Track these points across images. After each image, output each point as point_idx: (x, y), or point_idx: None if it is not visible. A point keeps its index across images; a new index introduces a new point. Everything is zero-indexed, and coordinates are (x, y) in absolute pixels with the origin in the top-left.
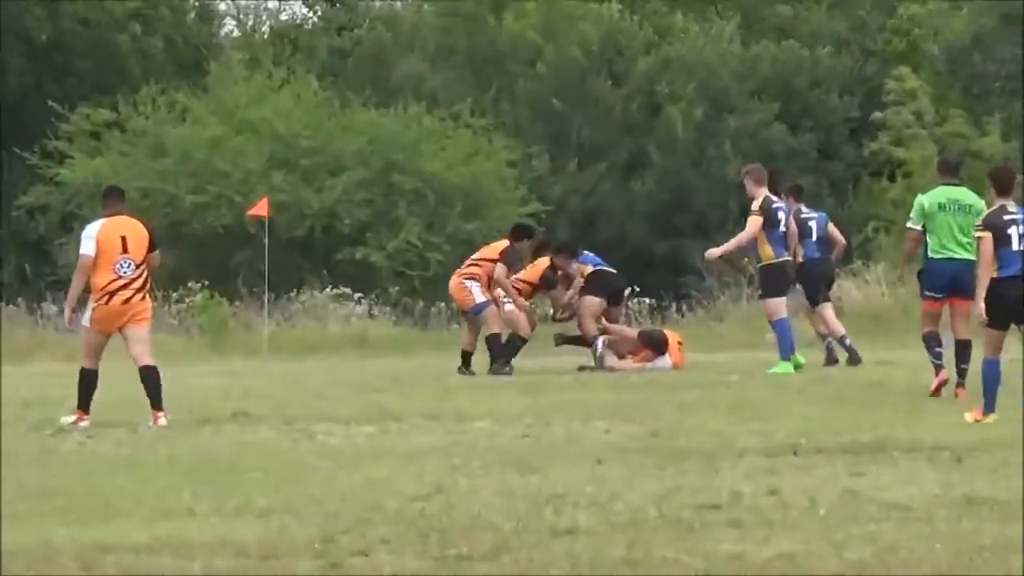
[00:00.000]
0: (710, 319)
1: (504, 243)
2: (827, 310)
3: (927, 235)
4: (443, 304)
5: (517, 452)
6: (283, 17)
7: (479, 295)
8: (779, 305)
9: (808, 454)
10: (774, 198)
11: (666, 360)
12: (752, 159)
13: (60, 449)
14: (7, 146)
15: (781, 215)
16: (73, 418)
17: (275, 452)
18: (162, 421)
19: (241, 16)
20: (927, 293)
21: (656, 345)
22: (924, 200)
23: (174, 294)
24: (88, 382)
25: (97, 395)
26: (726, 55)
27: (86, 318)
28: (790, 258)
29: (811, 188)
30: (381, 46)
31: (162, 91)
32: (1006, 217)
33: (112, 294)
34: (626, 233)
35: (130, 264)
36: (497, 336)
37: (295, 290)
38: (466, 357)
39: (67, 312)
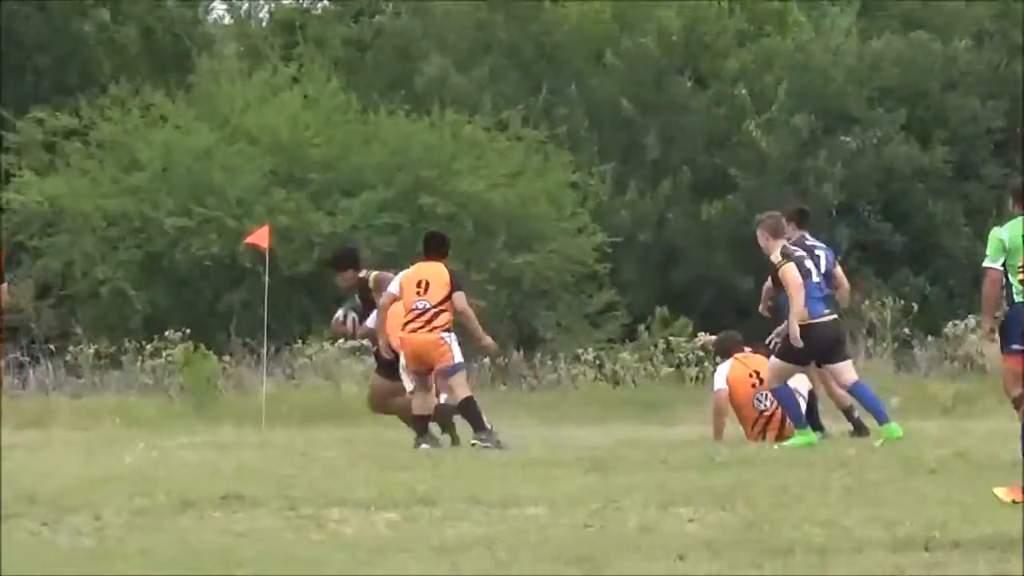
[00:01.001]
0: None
1: (436, 268)
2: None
3: (1008, 275)
4: (486, 360)
5: (578, 545)
6: (285, 0)
7: (458, 352)
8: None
9: (943, 549)
10: (794, 248)
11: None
12: (869, 180)
13: (10, 540)
14: None
15: (810, 264)
16: None
17: (275, 544)
18: None
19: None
20: (1014, 347)
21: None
22: (1002, 233)
23: (148, 345)
24: None
25: (53, 474)
26: (839, 51)
27: None
28: (834, 315)
29: (943, 215)
30: (407, 37)
31: (136, 91)
32: None
33: None
34: (709, 270)
35: None
36: (472, 399)
37: (300, 341)
38: (425, 424)
39: None
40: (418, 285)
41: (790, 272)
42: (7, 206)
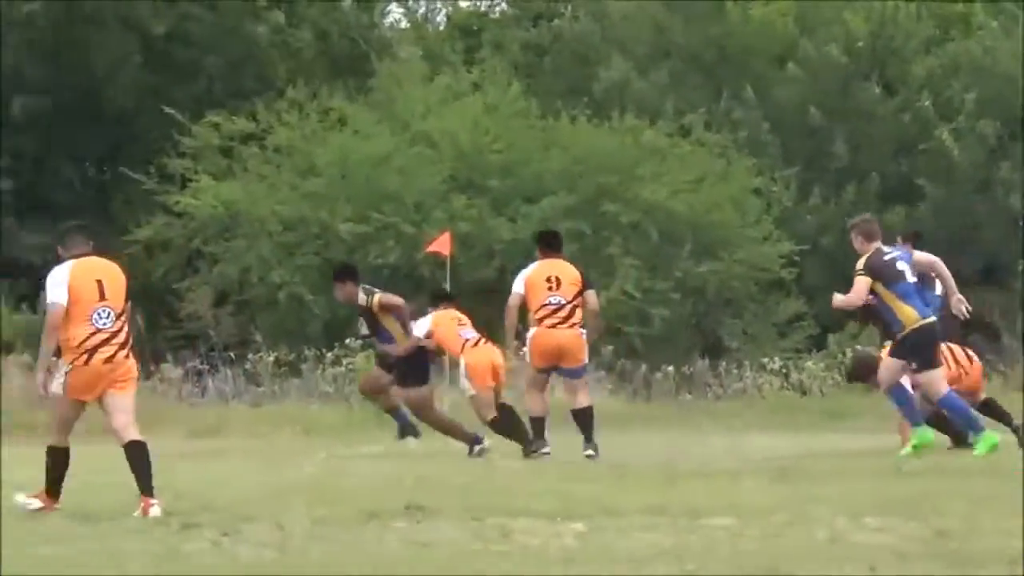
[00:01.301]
0: (1010, 389)
1: (563, 265)
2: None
3: None
4: (670, 368)
5: (766, 556)
6: (463, 4)
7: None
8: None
9: None
10: (886, 248)
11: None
12: None
13: (185, 549)
14: (116, 165)
15: (903, 265)
16: (38, 504)
17: (459, 555)
18: (155, 511)
19: (411, 2)
20: None
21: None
22: None
23: (329, 353)
24: (59, 462)
25: (231, 483)
26: None
27: (57, 384)
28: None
29: None
30: (586, 42)
31: (313, 95)
32: None
33: (91, 352)
34: None
35: (109, 314)
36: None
37: None
38: (542, 427)
39: (40, 376)
40: (548, 280)
41: (859, 281)
42: (184, 211)
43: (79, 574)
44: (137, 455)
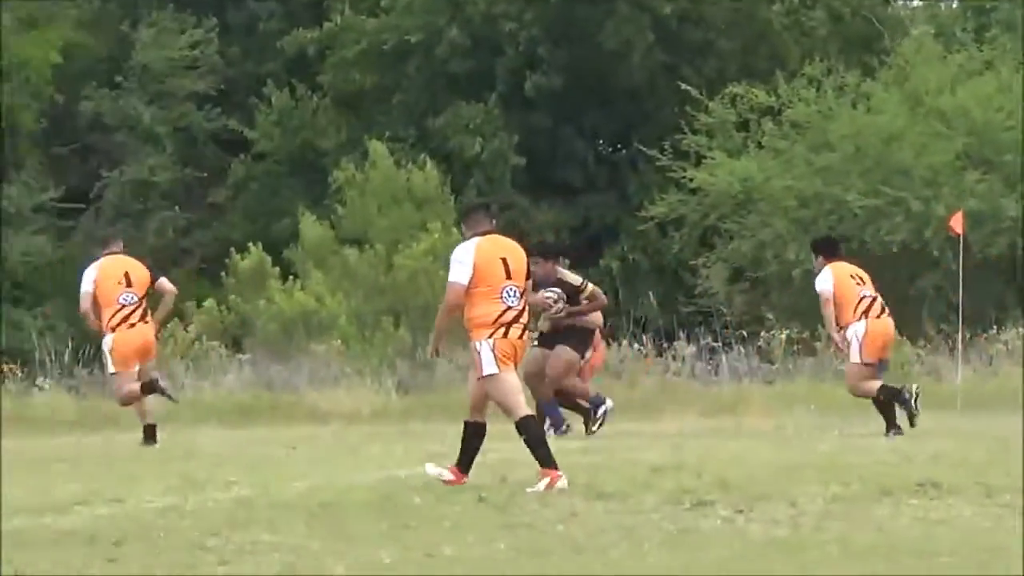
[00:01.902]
0: None
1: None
2: None
3: None
4: None
5: None
6: None
7: None
8: None
9: None
10: None
11: None
12: None
13: (701, 527)
14: (628, 143)
15: None
16: (449, 476)
17: (972, 533)
18: (562, 483)
19: None
20: None
21: None
22: None
23: None
24: (475, 436)
25: (746, 462)
26: None
27: (491, 364)
28: None
29: None
30: None
31: (827, 71)
32: None
33: (507, 326)
34: None
35: (515, 292)
36: None
37: (995, 327)
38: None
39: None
40: (852, 277)
41: None
42: (699, 187)
43: (593, 550)
44: (532, 429)
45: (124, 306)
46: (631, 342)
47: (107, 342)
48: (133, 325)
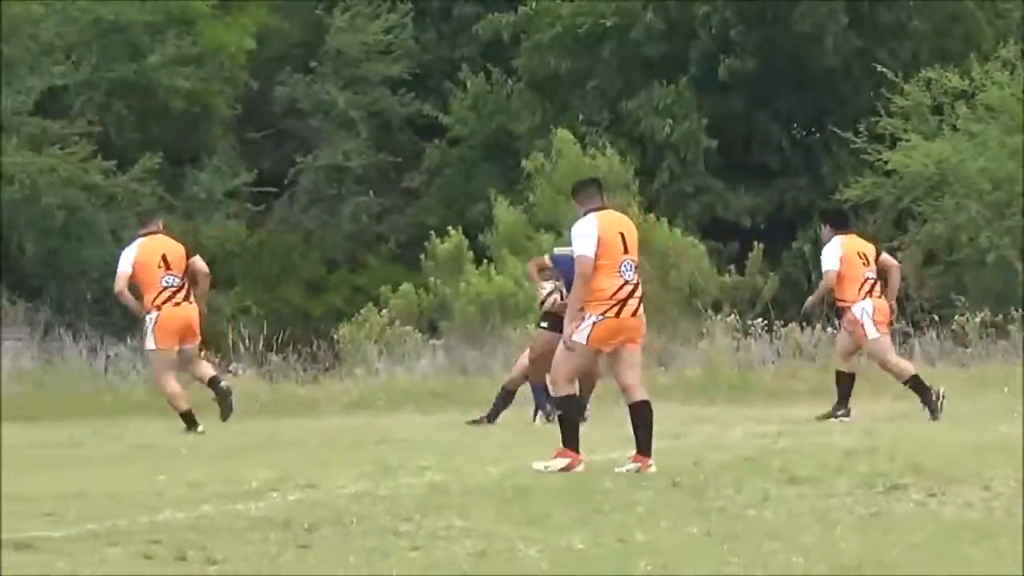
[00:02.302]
0: None
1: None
2: None
3: None
4: None
5: None
6: None
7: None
8: None
9: None
10: None
11: None
12: None
13: (894, 511)
14: (823, 127)
15: None
16: (564, 462)
17: None
18: (652, 470)
19: None
20: None
21: None
22: None
23: None
24: (575, 411)
25: (940, 443)
26: None
27: (583, 335)
28: None
29: None
30: None
31: (1022, 54)
32: None
33: (622, 303)
34: None
35: (632, 267)
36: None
37: None
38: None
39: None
40: (859, 256)
41: None
42: (893, 170)
43: (786, 535)
44: (643, 414)
45: (166, 287)
46: (824, 326)
47: (150, 318)
48: (178, 304)
